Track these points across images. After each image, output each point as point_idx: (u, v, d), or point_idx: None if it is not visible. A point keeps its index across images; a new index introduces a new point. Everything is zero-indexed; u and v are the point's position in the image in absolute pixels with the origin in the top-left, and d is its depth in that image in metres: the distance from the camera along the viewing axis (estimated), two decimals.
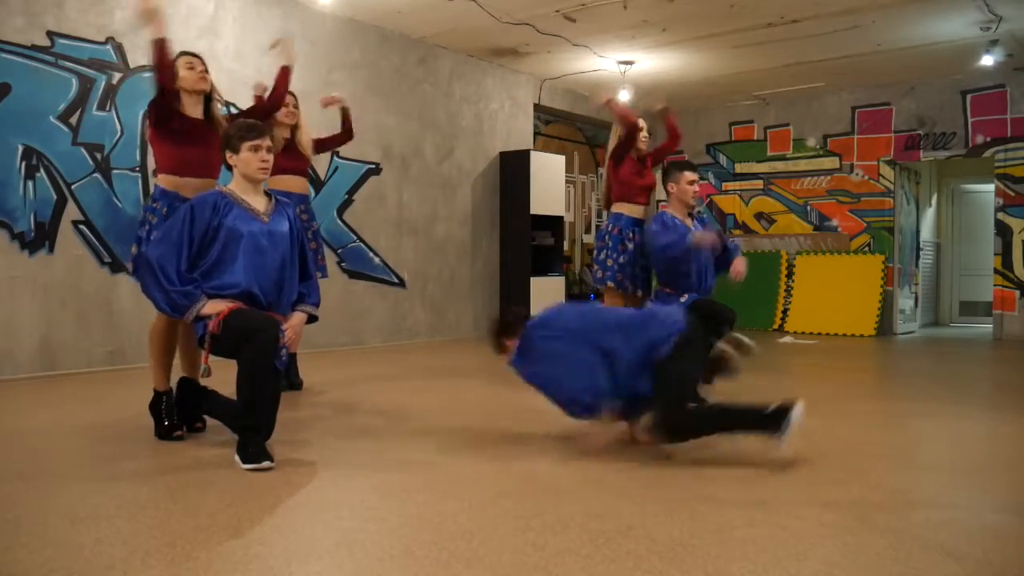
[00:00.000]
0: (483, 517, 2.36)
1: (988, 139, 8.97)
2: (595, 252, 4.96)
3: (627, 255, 4.75)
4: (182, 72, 3.48)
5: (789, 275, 9.93)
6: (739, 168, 10.66)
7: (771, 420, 2.95)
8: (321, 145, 5.08)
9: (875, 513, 2.42)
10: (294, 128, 4.72)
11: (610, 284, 4.77)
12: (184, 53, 3.57)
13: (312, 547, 2.09)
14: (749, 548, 2.10)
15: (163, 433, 3.39)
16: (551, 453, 3.21)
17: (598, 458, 3.08)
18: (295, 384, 4.76)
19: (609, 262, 4.77)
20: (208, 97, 3.59)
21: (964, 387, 5.50)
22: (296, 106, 4.73)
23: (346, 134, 5.20)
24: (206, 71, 3.56)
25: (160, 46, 3.36)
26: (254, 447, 2.91)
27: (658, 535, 2.20)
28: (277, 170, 4.61)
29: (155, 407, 3.44)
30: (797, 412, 2.92)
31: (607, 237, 4.82)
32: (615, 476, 2.87)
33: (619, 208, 4.84)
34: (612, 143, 4.96)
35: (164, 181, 3.47)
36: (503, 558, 2.01)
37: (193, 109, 3.53)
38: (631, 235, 4.77)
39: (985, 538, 2.22)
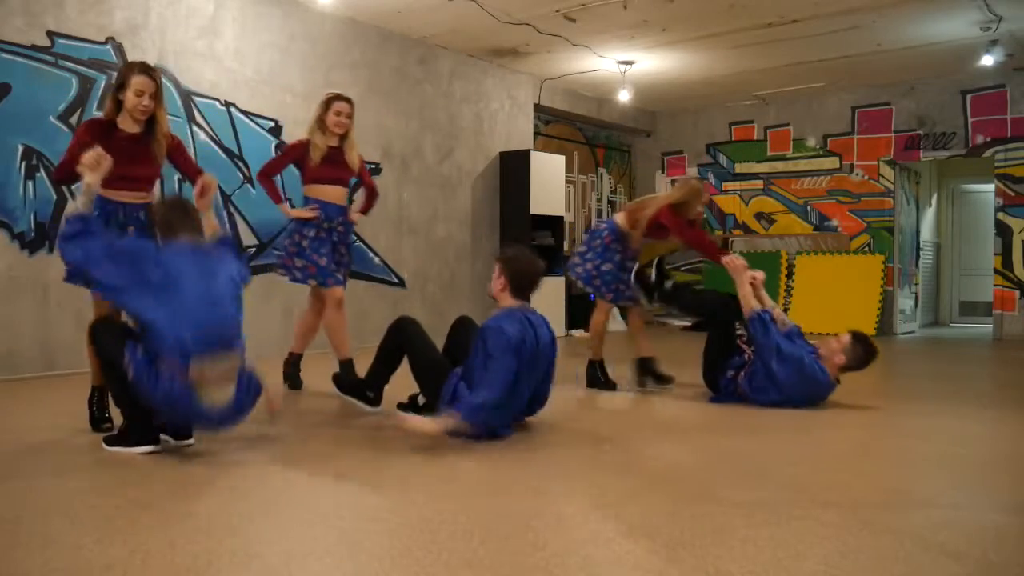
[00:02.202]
0: (483, 517, 2.36)
1: (988, 139, 8.97)
2: (582, 248, 5.00)
3: (613, 263, 4.85)
4: (128, 93, 3.40)
5: (789, 275, 9.93)
6: (739, 168, 10.66)
7: None
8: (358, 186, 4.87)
9: (875, 513, 2.42)
10: (343, 138, 4.56)
11: (581, 283, 4.99)
12: (142, 72, 3.44)
13: (312, 547, 2.09)
14: (749, 548, 2.10)
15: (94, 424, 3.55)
16: (551, 453, 3.21)
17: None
18: (296, 384, 4.76)
19: (589, 266, 4.88)
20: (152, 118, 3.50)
21: (964, 387, 5.50)
22: (350, 116, 4.53)
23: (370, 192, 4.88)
24: (153, 97, 3.44)
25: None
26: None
27: (658, 535, 2.20)
28: (318, 178, 4.47)
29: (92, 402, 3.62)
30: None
31: (598, 242, 4.87)
32: (615, 477, 2.88)
33: (631, 238, 4.86)
34: (677, 200, 4.80)
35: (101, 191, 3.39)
36: (503, 558, 2.01)
37: (132, 125, 3.48)
38: (619, 248, 4.87)
39: (985, 538, 2.22)
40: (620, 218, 4.93)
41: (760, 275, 4.48)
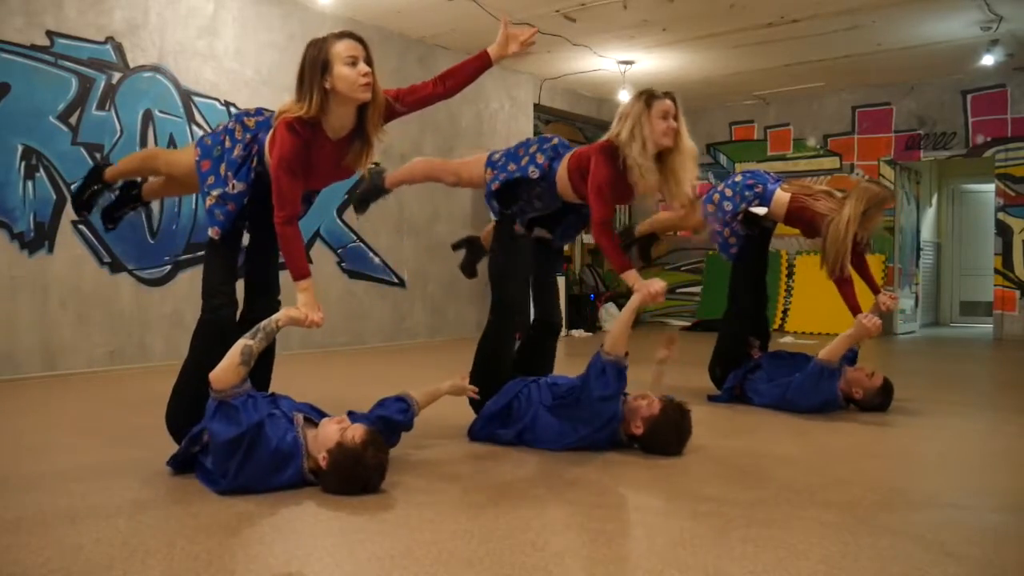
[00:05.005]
0: (483, 517, 2.36)
1: (988, 139, 8.97)
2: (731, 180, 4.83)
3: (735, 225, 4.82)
4: (338, 67, 2.65)
5: (789, 275, 9.93)
6: (739, 168, 10.63)
7: None
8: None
9: (875, 513, 2.42)
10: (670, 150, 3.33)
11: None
12: (343, 36, 2.71)
13: (312, 547, 2.09)
14: (749, 548, 2.10)
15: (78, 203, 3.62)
16: (551, 453, 3.21)
17: None
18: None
19: (724, 198, 4.83)
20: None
21: (964, 387, 5.50)
22: (679, 117, 3.32)
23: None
24: (369, 63, 2.74)
25: None
26: None
27: (658, 535, 2.20)
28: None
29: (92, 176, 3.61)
30: None
31: (749, 192, 4.75)
32: (615, 477, 2.88)
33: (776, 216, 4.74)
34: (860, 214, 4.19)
35: None
36: (503, 558, 2.01)
37: (343, 119, 2.82)
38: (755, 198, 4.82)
39: (985, 538, 2.22)
40: (781, 192, 4.60)
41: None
